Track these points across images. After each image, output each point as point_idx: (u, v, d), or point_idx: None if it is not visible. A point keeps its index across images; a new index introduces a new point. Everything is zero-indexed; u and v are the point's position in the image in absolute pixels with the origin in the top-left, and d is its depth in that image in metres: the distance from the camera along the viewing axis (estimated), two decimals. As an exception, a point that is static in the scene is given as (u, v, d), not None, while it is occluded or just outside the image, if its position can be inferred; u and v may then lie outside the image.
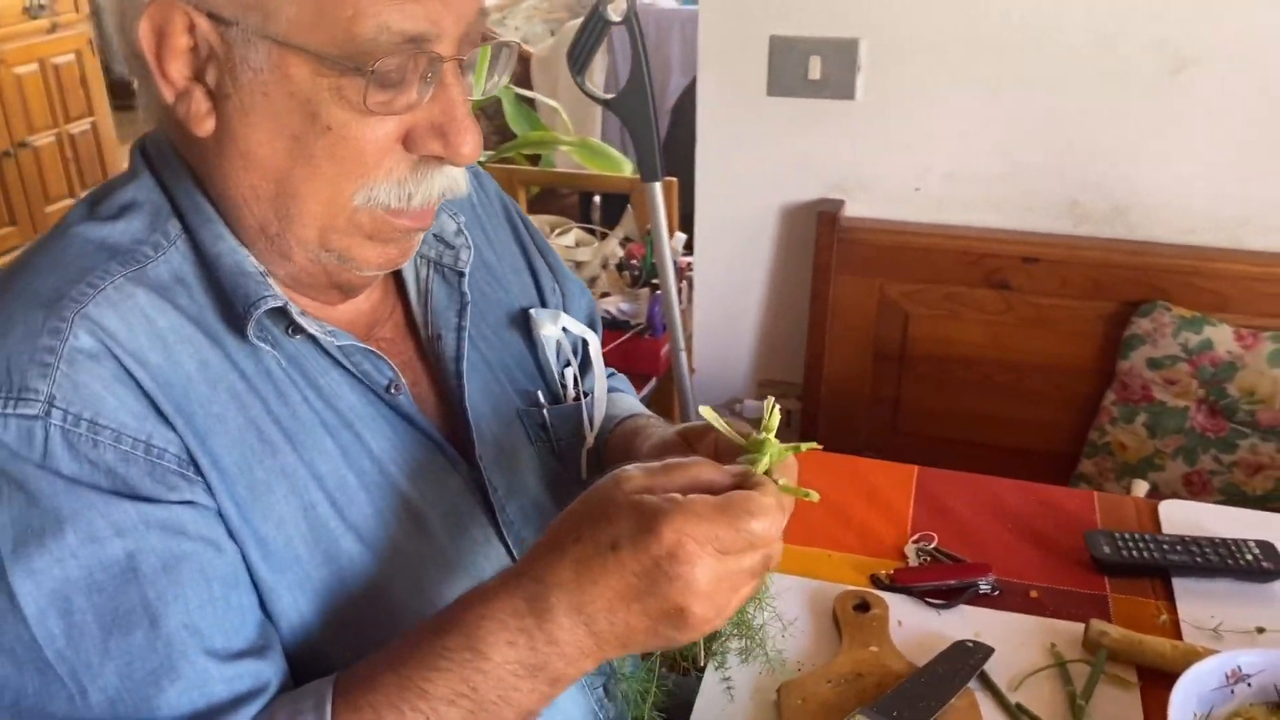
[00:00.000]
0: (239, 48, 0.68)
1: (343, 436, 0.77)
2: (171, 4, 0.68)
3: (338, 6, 0.66)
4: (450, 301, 0.88)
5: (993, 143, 1.79)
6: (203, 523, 0.70)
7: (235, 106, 0.70)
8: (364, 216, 0.74)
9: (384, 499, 0.79)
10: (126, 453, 0.67)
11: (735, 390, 2.12)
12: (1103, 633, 1.00)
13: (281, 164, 0.71)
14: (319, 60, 0.67)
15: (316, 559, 0.74)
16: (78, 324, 0.68)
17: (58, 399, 0.66)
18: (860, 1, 1.75)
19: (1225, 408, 1.72)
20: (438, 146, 0.72)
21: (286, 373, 0.76)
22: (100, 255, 0.72)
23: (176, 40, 0.69)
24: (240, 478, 0.72)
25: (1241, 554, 1.11)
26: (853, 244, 1.87)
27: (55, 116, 3.94)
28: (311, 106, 0.69)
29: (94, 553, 0.66)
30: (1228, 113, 1.67)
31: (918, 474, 1.30)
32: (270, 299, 0.73)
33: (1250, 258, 1.73)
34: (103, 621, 0.66)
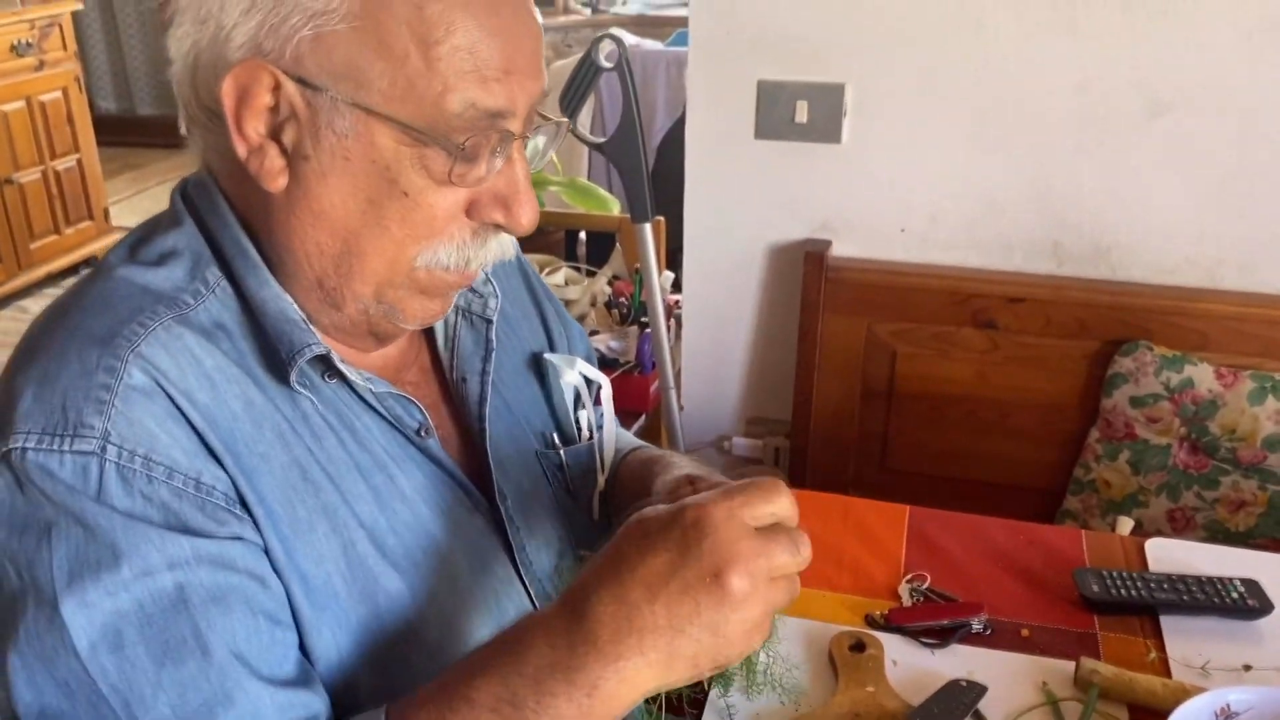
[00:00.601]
0: (325, 113, 0.71)
1: (376, 478, 0.79)
2: (261, 65, 0.70)
3: (428, 82, 0.70)
4: (476, 347, 0.91)
5: (976, 185, 1.82)
6: (250, 558, 0.71)
7: (313, 167, 0.72)
8: (422, 275, 0.77)
9: (415, 539, 0.81)
10: (179, 489, 0.69)
11: (724, 428, 2.13)
12: (1094, 671, 1.02)
13: (353, 224, 0.74)
14: (405, 130, 0.70)
15: (354, 596, 0.76)
16: (132, 362, 0.70)
17: (113, 435, 0.67)
18: (845, 47, 1.79)
19: (1207, 445, 1.75)
20: (500, 216, 0.76)
21: (323, 416, 0.78)
22: (147, 298, 0.74)
23: (259, 99, 0.71)
24: (284, 515, 0.74)
25: (1227, 593, 1.13)
26: (840, 283, 1.89)
27: (41, 153, 3.94)
28: (391, 173, 0.72)
29: (146, 586, 0.67)
30: (1204, 155, 1.71)
31: (910, 514, 1.32)
32: (315, 346, 0.75)
33: (1229, 297, 1.76)
34: (154, 653, 0.67)
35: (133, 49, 6.00)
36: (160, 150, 5.88)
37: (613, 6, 5.39)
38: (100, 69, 6.05)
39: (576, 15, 5.28)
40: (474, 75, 0.70)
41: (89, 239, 4.23)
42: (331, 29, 0.69)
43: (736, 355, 2.07)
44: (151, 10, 5.83)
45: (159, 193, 5.31)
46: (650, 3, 5.38)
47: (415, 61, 0.69)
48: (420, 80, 0.70)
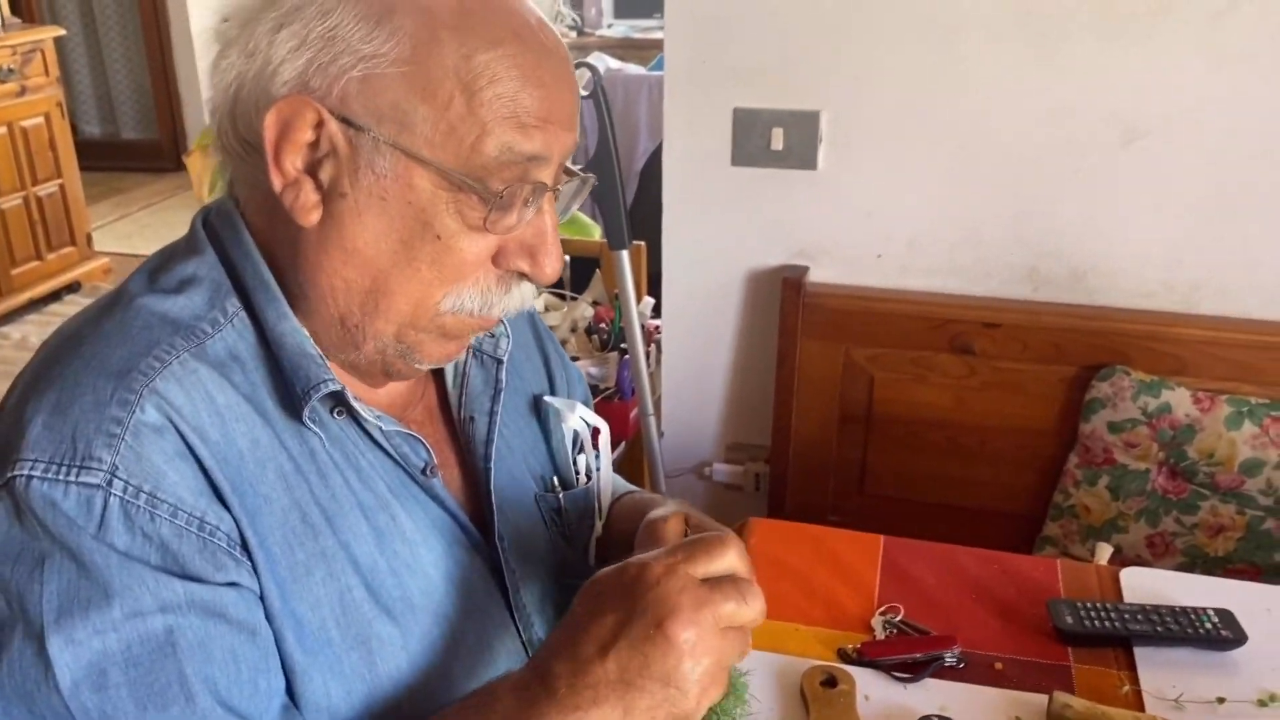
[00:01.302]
0: (366, 153, 0.72)
1: (379, 519, 0.79)
2: (306, 101, 0.71)
3: (469, 126, 0.71)
4: (485, 386, 0.91)
5: (952, 211, 1.82)
6: (243, 606, 0.71)
7: (349, 205, 0.73)
8: (447, 319, 0.77)
9: (413, 581, 0.80)
10: (181, 528, 0.68)
11: (704, 454, 2.13)
12: (1066, 705, 1.01)
13: (384, 263, 0.74)
14: (443, 175, 0.72)
15: (348, 642, 0.76)
16: (146, 397, 0.69)
17: (120, 470, 0.67)
18: (821, 75, 1.79)
19: (1185, 470, 1.75)
20: (525, 265, 0.77)
21: (329, 453, 0.78)
22: (165, 329, 0.74)
23: (300, 134, 0.72)
24: (283, 558, 0.73)
25: (1201, 623, 1.12)
26: (818, 309, 1.89)
27: (23, 179, 3.92)
28: (426, 215, 0.73)
29: (135, 627, 0.66)
30: (1178, 182, 1.71)
31: (884, 544, 1.31)
32: (330, 383, 0.75)
33: (1205, 322, 1.77)
34: (137, 696, 0.66)
35: (117, 74, 5.99)
36: (144, 174, 5.88)
37: (598, 29, 5.41)
38: (84, 93, 6.05)
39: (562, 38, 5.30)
40: (512, 121, 0.71)
41: (71, 264, 4.21)
42: (380, 72, 0.70)
43: (716, 381, 2.06)
44: (136, 35, 5.83)
45: (143, 217, 5.29)
46: (635, 26, 5.41)
47: (458, 107, 0.71)
48: (461, 125, 0.71)
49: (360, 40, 0.70)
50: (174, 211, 5.32)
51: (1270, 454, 1.70)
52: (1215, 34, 1.62)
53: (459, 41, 0.71)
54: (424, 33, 0.70)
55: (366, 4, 0.71)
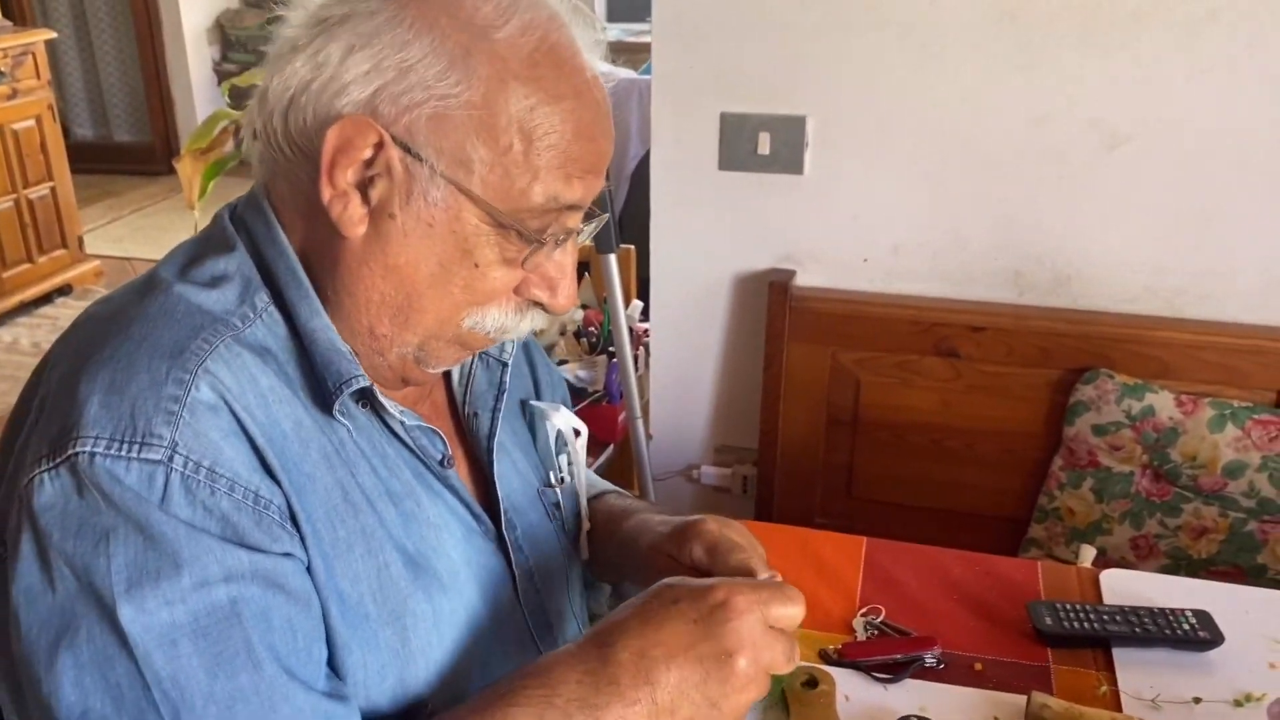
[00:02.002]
0: (421, 181, 0.75)
1: (406, 503, 0.83)
2: (371, 125, 0.74)
3: (521, 171, 0.76)
4: (489, 387, 0.95)
5: (937, 216, 1.84)
6: (299, 576, 0.74)
7: (396, 225, 0.77)
8: (467, 336, 0.82)
9: (440, 562, 0.84)
10: (239, 501, 0.71)
11: (692, 457, 2.13)
12: (1044, 705, 1.02)
13: (421, 283, 0.78)
14: (490, 213, 0.76)
15: (384, 617, 0.79)
16: (200, 376, 0.72)
17: (180, 446, 0.69)
18: (807, 80, 1.81)
19: (1169, 473, 1.76)
20: (544, 295, 0.82)
21: (357, 444, 0.81)
22: (205, 317, 0.76)
23: (358, 153, 0.75)
24: (326, 534, 0.76)
25: (1179, 624, 1.13)
26: (804, 313, 1.91)
27: (14, 182, 3.92)
28: (468, 245, 0.77)
29: (202, 597, 0.69)
30: (1160, 188, 1.73)
31: (866, 546, 1.32)
32: (360, 379, 0.78)
33: (1188, 326, 1.78)
34: (207, 664, 0.69)
35: (110, 76, 5.99)
36: (136, 177, 5.87)
37: (590, 33, 5.42)
38: (77, 96, 6.04)
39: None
40: (561, 171, 0.76)
41: (62, 267, 4.21)
42: (451, 113, 0.74)
43: (704, 384, 2.07)
44: (129, 38, 5.83)
45: (136, 220, 5.29)
46: (628, 29, 5.42)
47: (516, 153, 0.75)
48: (515, 170, 0.76)
49: (435, 78, 0.74)
50: (166, 215, 5.32)
51: (1252, 457, 1.71)
52: (1196, 41, 1.64)
53: (526, 92, 0.75)
54: (496, 80, 0.75)
55: (444, 44, 0.75)
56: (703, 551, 0.89)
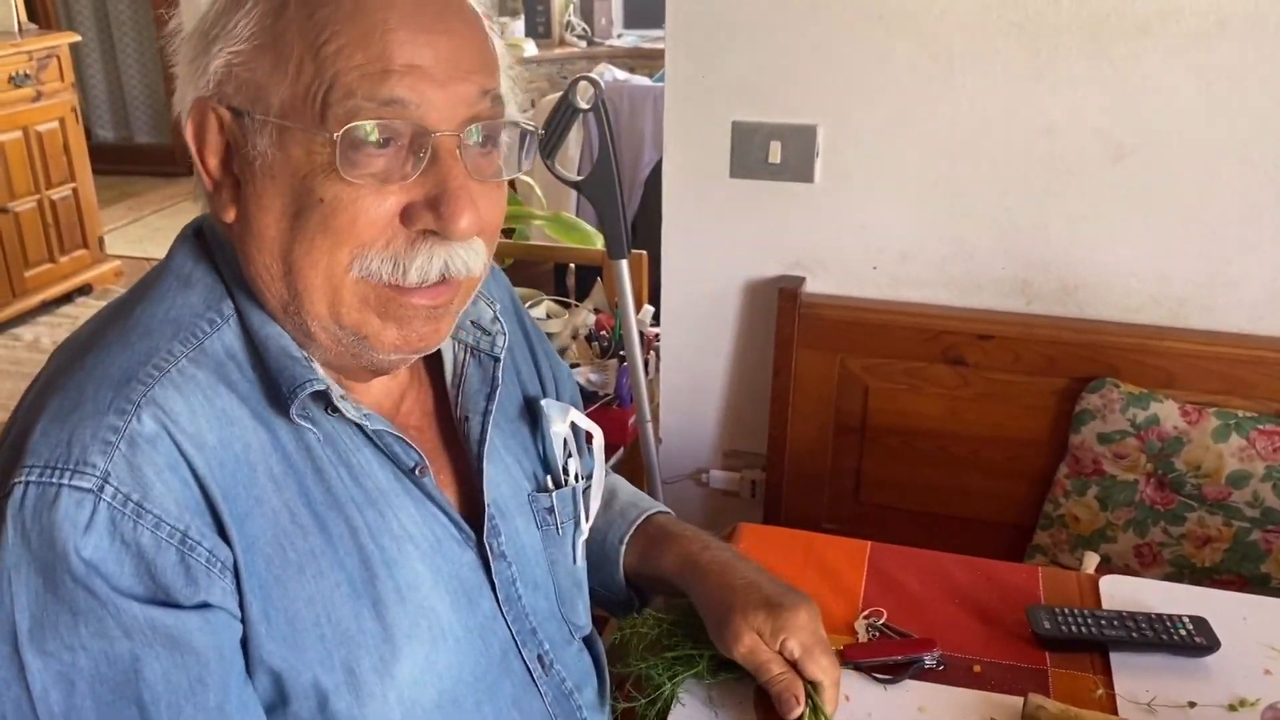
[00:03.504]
0: (251, 135, 0.74)
1: (368, 514, 0.82)
2: (202, 102, 0.75)
3: (318, 83, 0.72)
4: (481, 385, 0.93)
5: (945, 225, 1.86)
6: (209, 630, 0.73)
7: (251, 192, 0.76)
8: (367, 290, 0.77)
9: (401, 575, 0.83)
10: (162, 540, 0.71)
11: (701, 461, 2.16)
12: (1040, 707, 1.04)
13: (285, 241, 0.75)
14: (305, 134, 0.73)
15: (337, 638, 0.79)
16: (144, 407, 0.72)
17: (112, 477, 0.70)
18: (818, 91, 1.83)
19: (1173, 481, 1.77)
20: (430, 220, 0.75)
21: (323, 449, 0.80)
22: (164, 333, 0.76)
23: (211, 136, 0.76)
24: (276, 558, 0.77)
25: (1175, 630, 1.15)
26: (814, 319, 1.93)
27: (37, 183, 3.98)
28: (308, 182, 0.73)
29: (103, 648, 0.69)
30: (1165, 198, 1.74)
31: (870, 550, 1.34)
32: (314, 382, 0.78)
33: (1193, 336, 1.79)
34: (101, 713, 0.70)
35: (131, 79, 6.06)
36: (158, 179, 5.94)
37: (607, 39, 5.46)
38: (99, 98, 6.11)
39: (572, 48, 5.35)
40: (358, 70, 0.72)
41: (83, 267, 4.26)
42: (237, 50, 0.73)
43: (714, 389, 2.10)
44: (151, 41, 5.89)
45: (155, 221, 5.35)
46: (645, 35, 5.45)
47: (308, 67, 0.72)
48: (313, 84, 0.73)
49: (223, 29, 0.74)
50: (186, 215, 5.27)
51: (1257, 466, 1.72)
52: (1203, 53, 1.65)
53: (302, 2, 0.73)
54: (272, 2, 0.73)
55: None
56: (798, 649, 0.99)
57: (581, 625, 1.05)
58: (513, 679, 0.92)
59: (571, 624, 1.03)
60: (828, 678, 0.99)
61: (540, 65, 5.14)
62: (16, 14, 4.04)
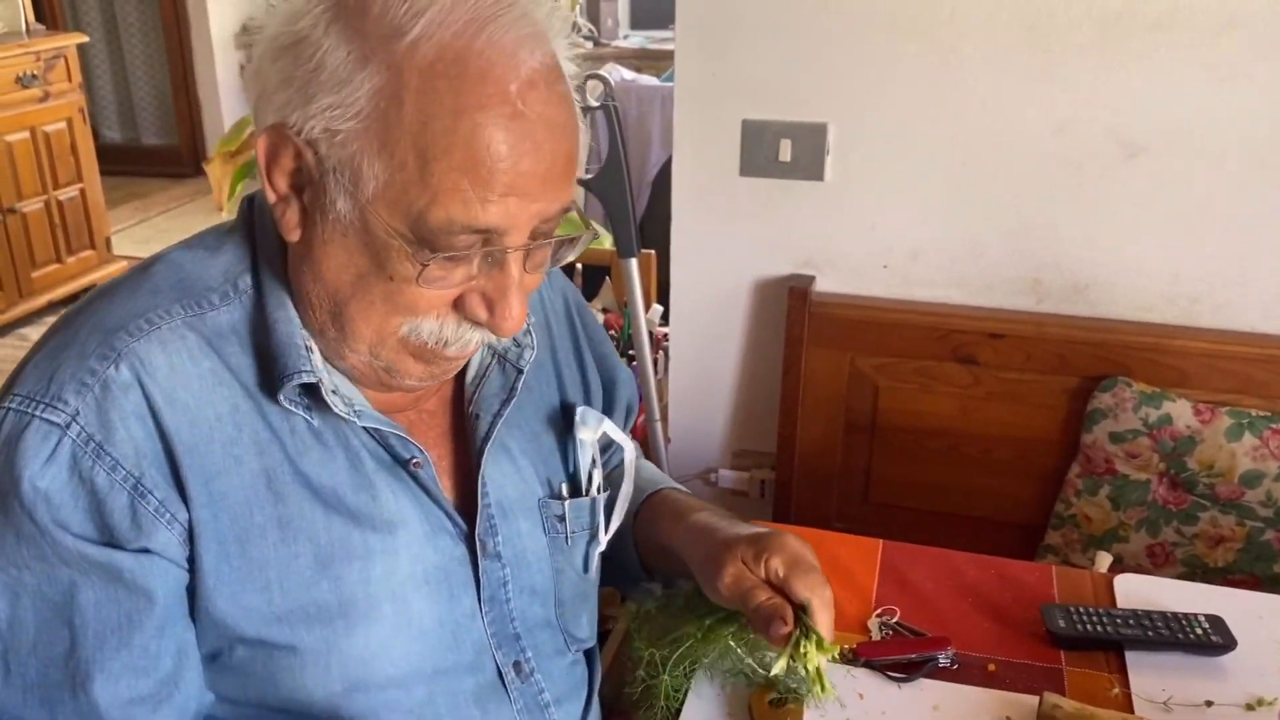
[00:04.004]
0: (332, 191, 0.75)
1: (360, 497, 0.84)
2: (284, 135, 0.75)
3: (418, 191, 0.72)
4: (500, 391, 0.94)
5: (956, 223, 1.85)
6: (145, 573, 0.77)
7: (319, 233, 0.78)
8: (411, 340, 0.80)
9: (379, 562, 0.85)
10: (116, 482, 0.75)
11: (710, 460, 2.15)
12: (1056, 706, 1.03)
13: (344, 291, 0.79)
14: (391, 228, 0.74)
15: (286, 604, 0.81)
16: (124, 356, 0.76)
17: (80, 415, 0.74)
18: (828, 88, 1.82)
19: (1186, 481, 1.77)
20: (483, 315, 0.79)
21: (316, 433, 0.83)
22: (171, 293, 0.80)
23: (285, 160, 0.77)
24: (241, 517, 0.80)
25: (1191, 628, 1.14)
26: (824, 318, 1.92)
27: (44, 183, 3.98)
28: (381, 258, 0.76)
29: (45, 570, 0.75)
30: (1178, 196, 1.74)
31: (882, 548, 1.33)
32: (304, 374, 0.80)
33: (1206, 335, 1.79)
34: (38, 630, 0.76)
35: (138, 80, 6.07)
36: (164, 180, 5.95)
37: (614, 40, 5.45)
38: (106, 99, 6.12)
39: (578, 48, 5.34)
40: (461, 195, 0.72)
41: (90, 268, 4.26)
42: (342, 125, 0.72)
43: (723, 388, 2.09)
44: (158, 42, 5.90)
45: (162, 222, 5.36)
46: (651, 36, 5.44)
47: (411, 171, 0.72)
48: (413, 189, 0.72)
49: (334, 87, 0.72)
50: (193, 216, 5.38)
51: (1270, 466, 1.71)
52: (1215, 51, 1.65)
53: (420, 106, 0.71)
54: (389, 90, 0.71)
55: (348, 50, 0.72)
56: (782, 567, 0.94)
57: (582, 638, 1.04)
58: (480, 679, 0.92)
59: (569, 635, 1.01)
60: (817, 596, 0.93)
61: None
62: (24, 15, 4.05)
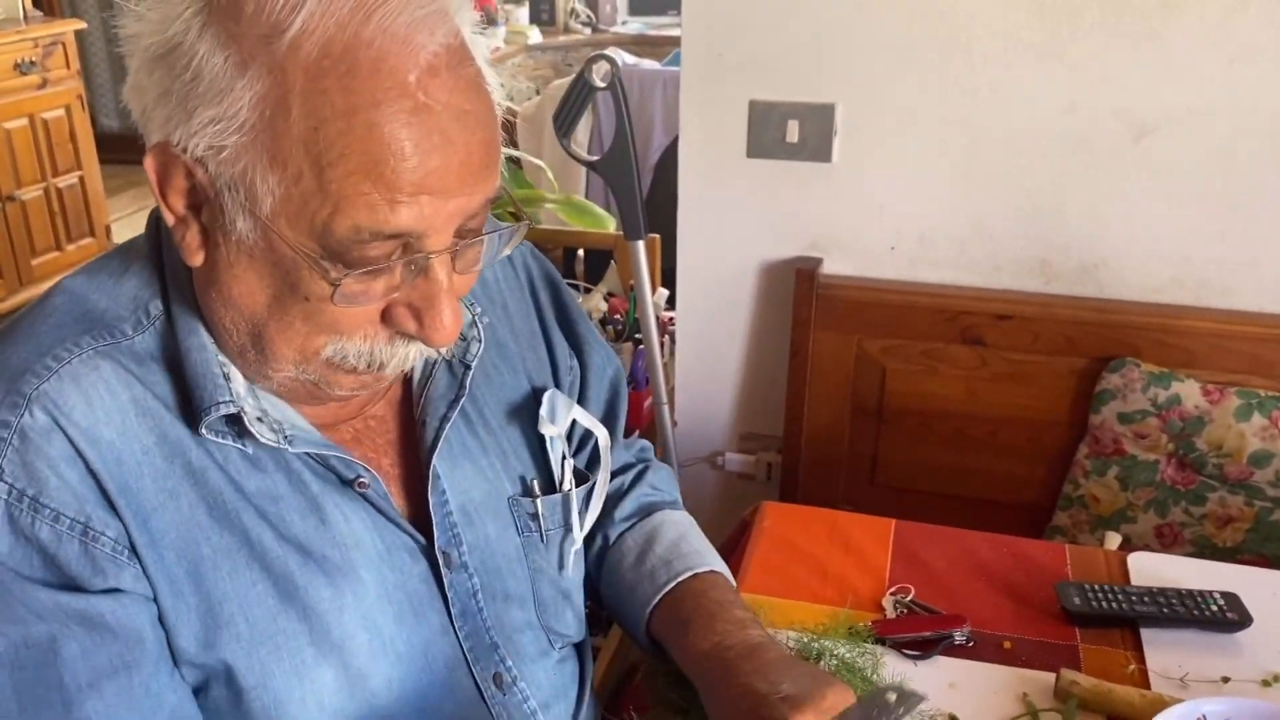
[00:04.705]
0: (229, 210, 0.68)
1: (307, 521, 0.79)
2: (170, 154, 0.68)
3: (319, 202, 0.66)
4: (447, 391, 0.88)
5: (963, 205, 1.84)
6: (123, 612, 0.72)
7: (223, 255, 0.71)
8: (336, 364, 0.74)
9: (342, 584, 0.80)
10: (62, 533, 0.70)
11: (717, 443, 2.15)
12: (1073, 682, 1.03)
13: (260, 315, 0.72)
14: (296, 245, 0.68)
15: (255, 637, 0.77)
16: (35, 400, 0.70)
17: (5, 473, 0.69)
18: (836, 68, 1.82)
19: (1194, 461, 1.77)
20: (412, 327, 0.73)
21: (252, 460, 0.77)
22: (77, 325, 0.74)
23: (177, 180, 0.70)
24: (187, 551, 0.74)
25: (1207, 605, 1.14)
26: (831, 300, 1.92)
27: (43, 171, 3.97)
28: (292, 278, 0.69)
29: (19, 632, 0.69)
30: (1185, 178, 1.73)
31: (895, 527, 1.33)
32: (223, 405, 0.74)
33: (1214, 315, 1.78)
34: (21, 698, 0.69)
35: (136, 68, 6.03)
36: (162, 168, 5.92)
37: (612, 26, 5.44)
38: (104, 87, 6.10)
39: (576, 35, 5.33)
40: (365, 200, 0.66)
41: (90, 255, 4.23)
42: (228, 141, 0.66)
43: (729, 371, 2.09)
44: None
45: (160, 210, 5.34)
46: (650, 23, 5.43)
47: (308, 179, 0.66)
48: (313, 200, 0.66)
49: (213, 99, 0.65)
50: (191, 204, 5.37)
51: (1279, 446, 1.71)
52: (1225, 31, 1.64)
53: (308, 110, 0.64)
54: (274, 96, 0.65)
55: (227, 55, 0.65)
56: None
57: (568, 634, 0.98)
58: (457, 698, 0.87)
59: (553, 633, 0.95)
60: None
61: (545, 53, 5.12)
62: (22, 1, 4.03)
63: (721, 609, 0.94)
